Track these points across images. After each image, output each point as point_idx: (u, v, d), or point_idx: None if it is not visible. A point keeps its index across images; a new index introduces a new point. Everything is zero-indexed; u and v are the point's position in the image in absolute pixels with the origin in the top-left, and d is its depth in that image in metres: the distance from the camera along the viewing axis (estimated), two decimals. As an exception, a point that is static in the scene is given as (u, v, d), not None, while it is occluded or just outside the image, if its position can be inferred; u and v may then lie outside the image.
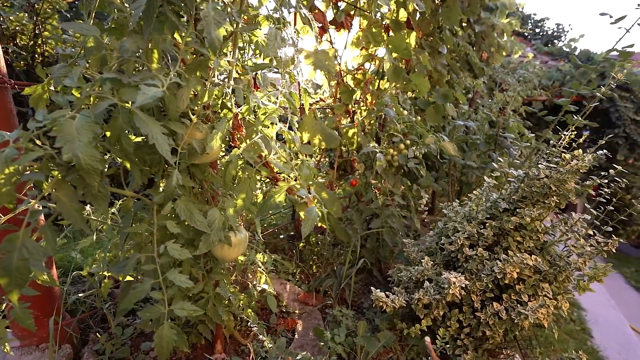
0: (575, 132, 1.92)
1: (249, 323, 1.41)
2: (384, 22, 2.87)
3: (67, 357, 1.38)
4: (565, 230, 1.59)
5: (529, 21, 9.85)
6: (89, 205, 1.29)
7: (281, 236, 2.79)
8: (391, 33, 2.75)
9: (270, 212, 3.29)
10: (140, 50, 0.96)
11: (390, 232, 2.37)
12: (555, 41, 9.55)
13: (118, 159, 0.99)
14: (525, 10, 10.04)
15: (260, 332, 1.32)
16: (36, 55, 2.63)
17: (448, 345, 1.57)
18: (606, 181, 1.51)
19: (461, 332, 1.82)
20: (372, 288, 1.72)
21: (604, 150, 1.52)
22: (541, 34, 9.80)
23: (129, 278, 1.15)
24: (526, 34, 9.61)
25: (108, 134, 0.92)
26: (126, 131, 0.88)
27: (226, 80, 1.18)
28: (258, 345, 1.46)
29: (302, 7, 1.40)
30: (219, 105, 1.22)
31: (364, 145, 2.49)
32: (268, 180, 2.39)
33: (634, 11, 2.69)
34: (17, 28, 2.58)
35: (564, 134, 1.71)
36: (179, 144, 0.96)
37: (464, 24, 3.72)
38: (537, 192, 1.63)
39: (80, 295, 1.64)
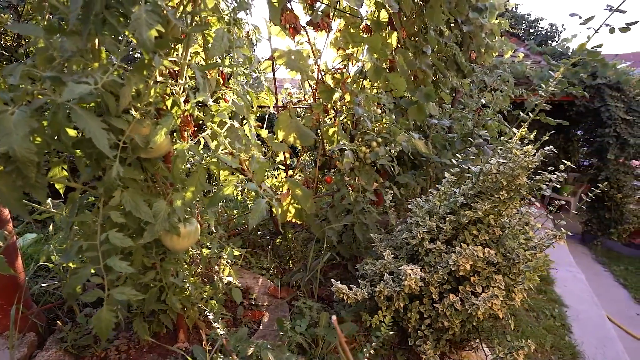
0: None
1: (206, 312, 1.47)
2: (366, 23, 2.93)
3: (30, 344, 1.45)
4: (515, 224, 1.64)
5: (523, 21, 9.88)
6: (50, 199, 1.36)
7: (259, 232, 2.85)
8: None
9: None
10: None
11: (362, 228, 2.43)
12: (549, 41, 9.58)
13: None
14: (520, 11, 10.07)
15: (215, 320, 1.38)
16: (19, 56, 2.70)
17: (388, 331, 1.62)
18: (555, 176, 1.56)
19: (422, 323, 1.87)
20: (332, 280, 1.78)
21: (551, 147, 1.57)
22: (535, 34, 9.84)
23: (77, 265, 1.21)
24: (520, 34, 9.65)
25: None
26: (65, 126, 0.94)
27: (175, 79, 1.24)
28: (217, 334, 1.52)
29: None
30: (171, 103, 1.28)
31: (344, 144, 2.55)
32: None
33: (602, 12, 2.74)
34: (0, 29, 2.65)
35: (514, 131, 1.76)
36: (120, 139, 1.02)
37: (451, 24, 3.77)
38: (490, 187, 1.68)
39: (43, 285, 1.71)
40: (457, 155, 2.27)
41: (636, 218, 6.58)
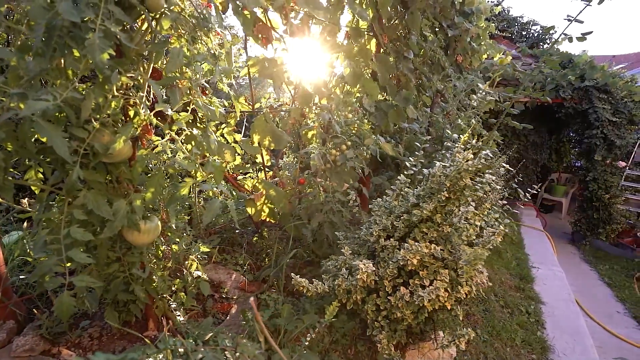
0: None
1: (170, 302, 1.61)
2: (346, 30, 3.06)
3: (9, 330, 1.60)
4: (457, 221, 1.78)
5: (516, 24, 10.00)
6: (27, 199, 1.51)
7: (237, 231, 3.00)
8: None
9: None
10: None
11: (331, 227, 2.57)
12: (541, 43, 9.70)
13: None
14: (512, 14, 10.20)
15: (177, 309, 1.52)
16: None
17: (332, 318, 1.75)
18: (484, 179, 1.70)
19: (379, 315, 2.01)
20: (292, 274, 1.92)
21: (487, 151, 1.70)
22: (527, 36, 9.96)
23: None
24: (512, 37, 9.76)
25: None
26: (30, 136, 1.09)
27: (137, 91, 1.39)
28: (181, 322, 1.66)
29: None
30: (133, 113, 1.43)
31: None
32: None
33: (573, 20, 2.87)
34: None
35: (460, 136, 1.89)
36: (81, 146, 1.18)
37: (437, 29, 3.89)
38: (436, 188, 1.82)
39: (22, 277, 1.87)
40: (410, 158, 2.41)
41: (624, 218, 6.67)
